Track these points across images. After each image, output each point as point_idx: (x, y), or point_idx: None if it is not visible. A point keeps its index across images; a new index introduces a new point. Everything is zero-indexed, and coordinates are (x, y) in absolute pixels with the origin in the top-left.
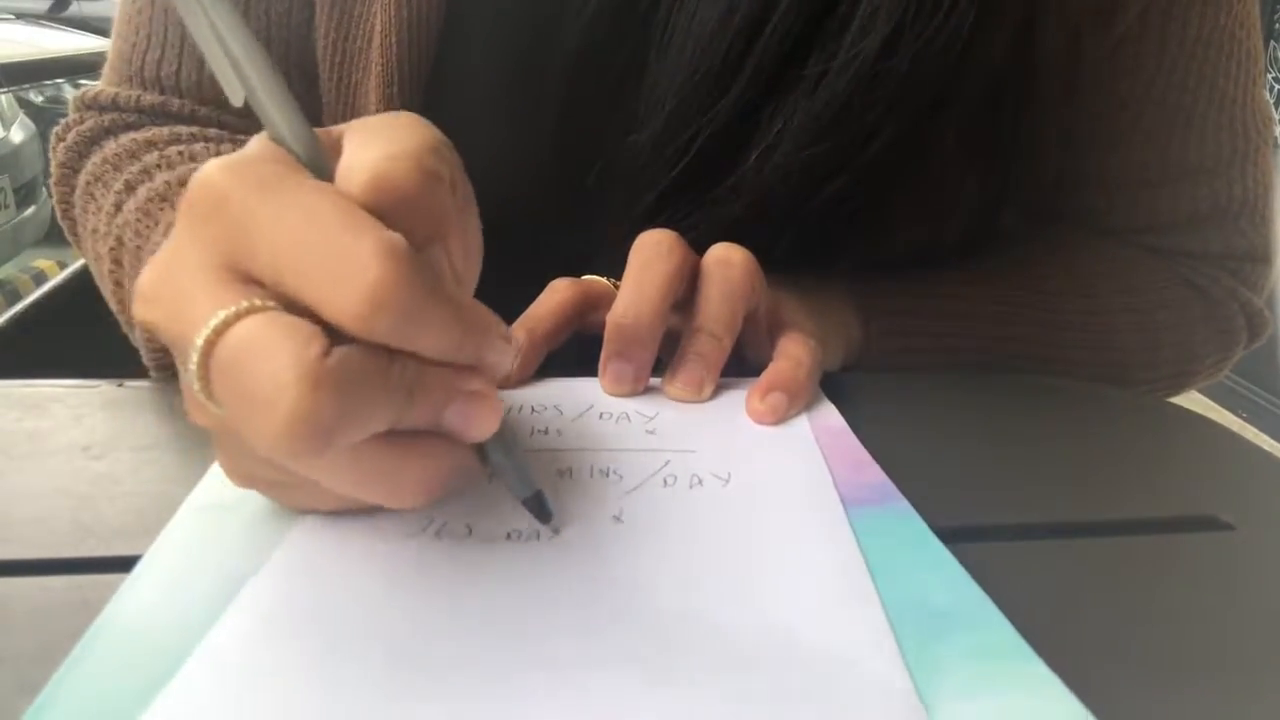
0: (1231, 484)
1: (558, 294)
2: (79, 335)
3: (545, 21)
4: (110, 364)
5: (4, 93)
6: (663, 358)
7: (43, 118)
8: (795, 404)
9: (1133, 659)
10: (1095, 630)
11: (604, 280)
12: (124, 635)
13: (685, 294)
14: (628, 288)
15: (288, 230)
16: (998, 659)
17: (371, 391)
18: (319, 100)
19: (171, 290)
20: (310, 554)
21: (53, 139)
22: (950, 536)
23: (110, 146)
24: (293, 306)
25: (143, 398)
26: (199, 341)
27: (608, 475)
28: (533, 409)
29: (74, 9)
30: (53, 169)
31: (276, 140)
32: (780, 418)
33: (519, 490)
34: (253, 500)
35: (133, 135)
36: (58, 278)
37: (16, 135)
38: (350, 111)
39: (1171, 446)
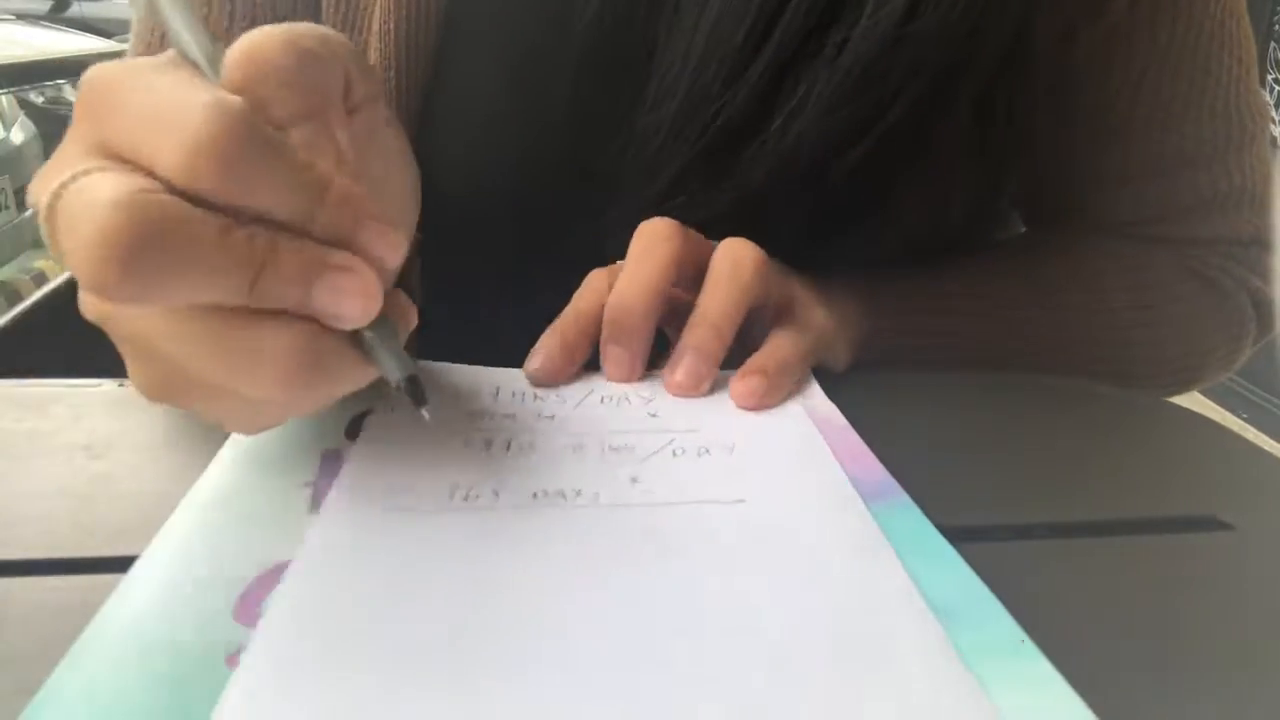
0: (1232, 484)
1: (597, 286)
2: (79, 336)
3: (553, 5)
4: (111, 364)
5: (5, 94)
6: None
7: (43, 118)
8: (774, 387)
9: (1132, 659)
10: (1095, 630)
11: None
12: (122, 634)
13: (695, 283)
14: (623, 275)
15: (140, 103)
16: (1000, 655)
17: (199, 243)
18: None
19: (51, 170)
20: (338, 543)
21: None
22: (950, 536)
23: None
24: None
25: (143, 397)
26: (47, 198)
27: (619, 450)
28: (536, 395)
29: (75, 10)
30: None
31: (179, 50)
32: (757, 400)
33: (393, 373)
34: (252, 498)
35: None
36: (58, 279)
37: (17, 136)
38: None
39: (1172, 446)
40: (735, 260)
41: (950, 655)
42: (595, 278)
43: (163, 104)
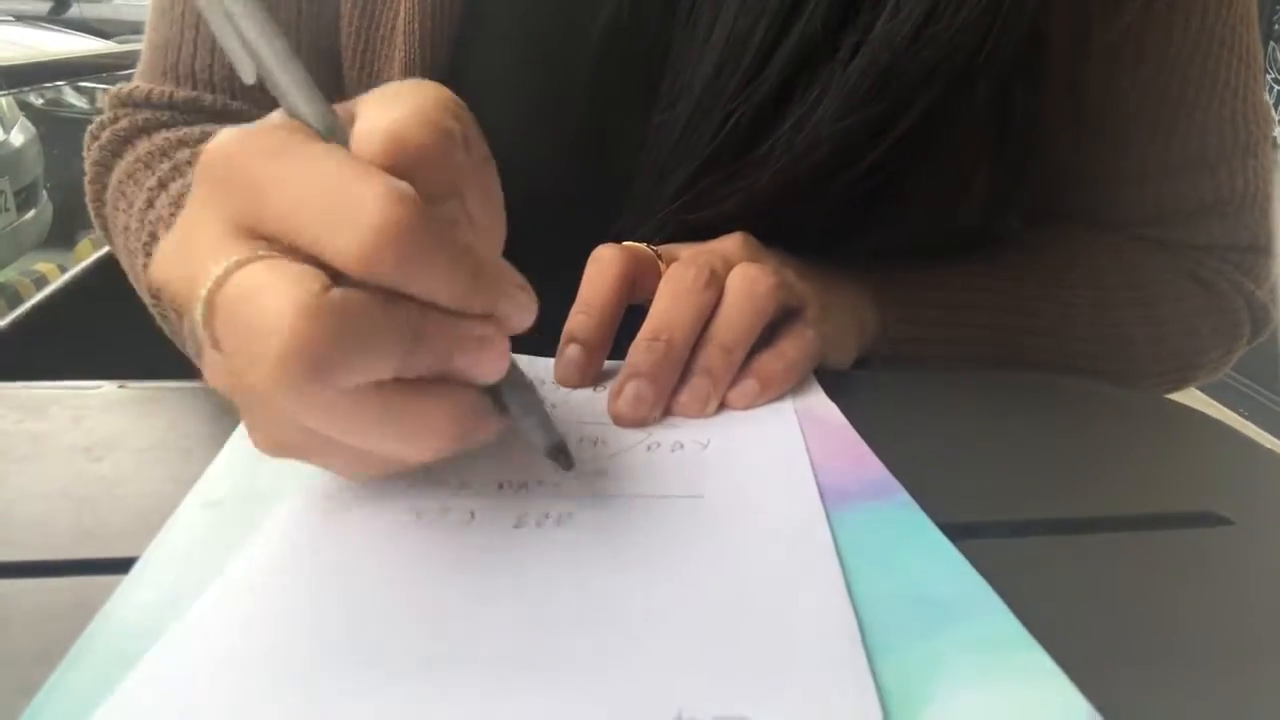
0: (1231, 480)
1: (608, 269)
2: (80, 338)
3: (569, 6)
4: (111, 366)
5: (4, 95)
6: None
7: (43, 120)
8: (768, 392)
9: (1132, 655)
10: (1094, 626)
11: (645, 247)
12: (122, 635)
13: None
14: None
15: (295, 185)
16: (1000, 649)
17: (372, 330)
18: (344, 89)
19: (184, 249)
20: (291, 534)
21: (87, 138)
22: (950, 534)
23: (143, 145)
24: (299, 258)
25: (144, 399)
26: (203, 291)
27: (595, 444)
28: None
29: (74, 11)
30: (87, 167)
31: (292, 115)
32: (749, 403)
33: (541, 439)
34: (252, 499)
35: (165, 134)
36: (58, 281)
37: (17, 138)
38: None
39: (1171, 442)
40: (751, 282)
41: (857, 662)
42: (605, 260)
43: (330, 190)
